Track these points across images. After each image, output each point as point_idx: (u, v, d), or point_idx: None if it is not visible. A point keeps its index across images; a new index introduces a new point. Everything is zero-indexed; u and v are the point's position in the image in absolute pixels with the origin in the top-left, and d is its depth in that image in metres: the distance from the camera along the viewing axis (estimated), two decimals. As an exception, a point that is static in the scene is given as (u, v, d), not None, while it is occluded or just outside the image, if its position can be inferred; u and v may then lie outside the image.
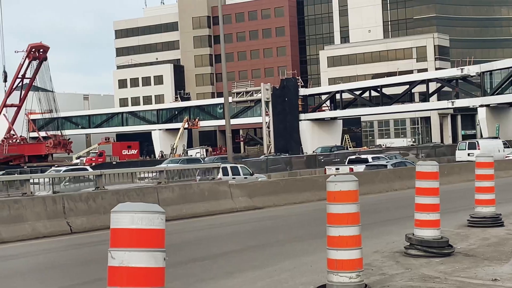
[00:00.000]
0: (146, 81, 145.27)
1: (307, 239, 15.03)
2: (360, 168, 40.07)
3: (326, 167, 47.61)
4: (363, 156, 49.64)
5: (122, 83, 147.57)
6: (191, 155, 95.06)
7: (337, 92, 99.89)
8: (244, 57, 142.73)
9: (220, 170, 35.21)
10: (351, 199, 8.68)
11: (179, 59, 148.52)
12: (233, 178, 32.17)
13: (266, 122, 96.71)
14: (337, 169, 43.26)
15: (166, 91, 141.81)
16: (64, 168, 52.98)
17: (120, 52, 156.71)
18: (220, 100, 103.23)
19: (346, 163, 46.00)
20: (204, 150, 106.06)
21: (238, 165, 38.89)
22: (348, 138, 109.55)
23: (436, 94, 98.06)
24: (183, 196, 22.58)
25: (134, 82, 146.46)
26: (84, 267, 12.83)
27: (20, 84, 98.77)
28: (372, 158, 46.00)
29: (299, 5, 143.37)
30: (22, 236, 17.71)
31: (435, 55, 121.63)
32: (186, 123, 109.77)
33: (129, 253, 5.27)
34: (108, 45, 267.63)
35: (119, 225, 5.34)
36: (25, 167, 78.73)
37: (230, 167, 36.80)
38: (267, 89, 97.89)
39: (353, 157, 49.82)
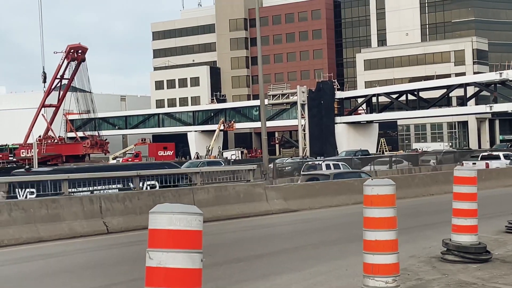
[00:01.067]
0: (183, 83, 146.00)
1: (343, 242, 14.98)
2: (495, 163, 45.05)
3: (464, 161, 50.09)
4: (495, 153, 52.62)
5: (158, 85, 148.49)
6: (226, 157, 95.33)
7: (374, 95, 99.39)
8: (280, 60, 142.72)
9: (324, 166, 38.75)
10: (388, 203, 8.64)
11: (216, 61, 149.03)
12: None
13: (302, 125, 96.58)
14: (474, 163, 46.50)
15: (202, 92, 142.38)
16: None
17: (157, 53, 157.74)
18: (256, 102, 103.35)
19: (479, 159, 49.50)
20: (240, 152, 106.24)
21: (340, 163, 41.85)
22: (384, 142, 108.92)
23: (474, 99, 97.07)
24: (218, 197, 22.65)
25: (171, 84, 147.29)
26: (121, 267, 12.93)
27: (59, 84, 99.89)
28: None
29: (336, 7, 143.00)
30: (60, 235, 17.92)
31: (473, 59, 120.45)
32: (222, 125, 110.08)
33: (166, 253, 5.31)
34: (146, 46, 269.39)
35: (157, 226, 5.39)
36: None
37: (333, 164, 40.52)
38: (303, 91, 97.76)
39: (486, 153, 52.49)
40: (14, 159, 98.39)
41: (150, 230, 5.45)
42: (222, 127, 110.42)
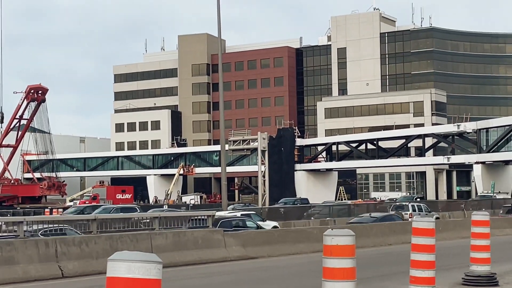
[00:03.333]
0: (143, 126, 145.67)
1: (301, 291, 14.90)
2: None
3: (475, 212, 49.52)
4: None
5: (119, 127, 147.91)
6: (185, 202, 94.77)
7: (334, 143, 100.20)
8: (242, 106, 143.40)
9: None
10: (348, 253, 8.65)
11: (177, 105, 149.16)
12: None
13: (262, 171, 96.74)
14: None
15: (163, 136, 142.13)
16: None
17: (119, 96, 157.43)
18: (217, 147, 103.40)
19: (504, 212, 48.87)
20: (199, 197, 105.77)
21: (250, 213, 40.29)
22: (343, 190, 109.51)
23: (432, 150, 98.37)
24: (177, 243, 22.46)
25: (131, 127, 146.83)
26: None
27: (17, 124, 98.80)
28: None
29: (298, 56, 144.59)
30: (14, 279, 17.58)
31: (432, 110, 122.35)
32: (182, 169, 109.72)
33: (125, 302, 5.24)
34: (107, 88, 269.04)
35: (115, 274, 5.31)
36: (18, 208, 78.26)
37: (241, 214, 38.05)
38: (264, 138, 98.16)
39: (510, 205, 51.93)
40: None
41: (108, 278, 5.38)
42: (181, 171, 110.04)
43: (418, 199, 79.88)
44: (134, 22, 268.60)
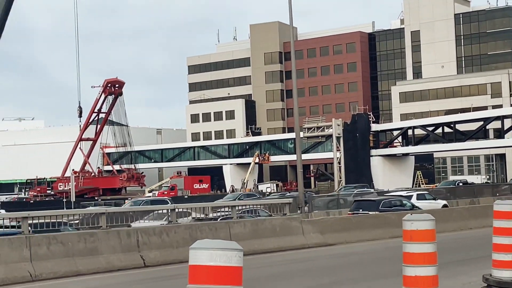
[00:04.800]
0: (218, 116, 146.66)
1: (380, 277, 14.82)
2: None
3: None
4: None
5: (194, 118, 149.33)
6: (261, 190, 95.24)
7: (409, 128, 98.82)
8: (315, 93, 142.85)
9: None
10: (428, 238, 8.55)
11: (251, 94, 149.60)
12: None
13: (337, 158, 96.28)
14: None
15: (238, 125, 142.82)
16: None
17: (193, 87, 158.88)
18: (291, 135, 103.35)
19: None
20: (275, 185, 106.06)
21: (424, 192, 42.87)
22: (420, 175, 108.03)
23: (511, 131, 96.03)
24: (255, 231, 22.60)
25: (206, 117, 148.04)
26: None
27: (96, 118, 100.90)
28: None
29: (371, 40, 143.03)
30: (97, 268, 17.99)
31: (510, 91, 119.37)
32: (257, 157, 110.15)
33: (207, 290, 5.32)
34: (182, 80, 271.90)
35: (197, 262, 5.40)
36: (99, 200, 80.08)
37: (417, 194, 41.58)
38: (338, 124, 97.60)
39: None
40: (52, 192, 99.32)
41: (191, 266, 5.47)
42: (257, 160, 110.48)
43: (461, 184, 76.93)
44: (205, 13, 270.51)
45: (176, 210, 22.47)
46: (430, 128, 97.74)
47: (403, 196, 39.12)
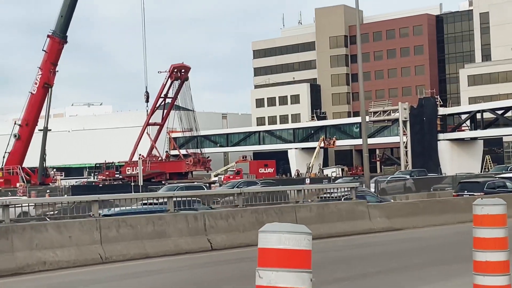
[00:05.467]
0: (283, 100, 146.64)
1: (449, 263, 14.64)
2: None
3: None
4: None
5: (259, 102, 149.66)
6: (327, 174, 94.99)
7: (478, 111, 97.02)
8: (381, 76, 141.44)
9: None
10: (499, 223, 8.41)
11: (316, 78, 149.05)
12: None
13: (404, 142, 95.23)
14: None
15: (303, 110, 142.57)
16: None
17: (258, 71, 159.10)
18: (357, 119, 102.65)
19: None
20: (340, 169, 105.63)
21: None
22: (489, 159, 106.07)
23: None
24: (321, 215, 22.60)
25: (271, 101, 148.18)
26: (227, 285, 13.06)
27: (163, 103, 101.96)
28: None
29: (438, 23, 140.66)
30: (165, 251, 18.26)
31: None
32: (322, 142, 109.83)
33: (276, 273, 5.34)
34: (247, 65, 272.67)
35: (267, 245, 5.42)
36: (166, 184, 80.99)
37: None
38: (405, 108, 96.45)
39: None
40: (120, 177, 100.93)
41: (260, 249, 5.49)
42: (322, 144, 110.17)
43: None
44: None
45: (243, 194, 22.55)
46: (500, 112, 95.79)
47: (507, 178, 38.79)
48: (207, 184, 60.73)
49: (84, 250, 16.97)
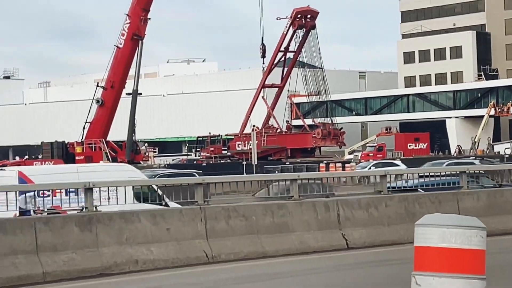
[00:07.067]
0: (440, 54, 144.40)
1: None
2: None
3: None
4: None
5: (408, 57, 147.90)
6: (498, 151, 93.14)
7: None
8: None
9: None
10: None
11: (484, 24, 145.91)
12: None
13: None
14: None
15: (466, 66, 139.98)
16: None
17: (407, 17, 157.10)
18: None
19: None
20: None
21: None
22: None
23: None
24: (492, 205, 22.23)
25: (424, 56, 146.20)
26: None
27: (283, 59, 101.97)
28: None
29: None
30: (288, 250, 18.36)
31: None
32: (493, 109, 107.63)
33: (438, 279, 5.28)
34: (391, 8, 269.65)
35: (426, 242, 5.36)
36: (287, 163, 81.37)
37: None
38: None
39: None
40: (228, 153, 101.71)
41: (417, 248, 5.45)
42: (492, 112, 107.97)
43: None
44: None
45: (388, 176, 22.41)
46: None
47: None
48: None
49: (185, 246, 17.29)
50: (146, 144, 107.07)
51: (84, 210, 17.40)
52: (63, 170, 27.87)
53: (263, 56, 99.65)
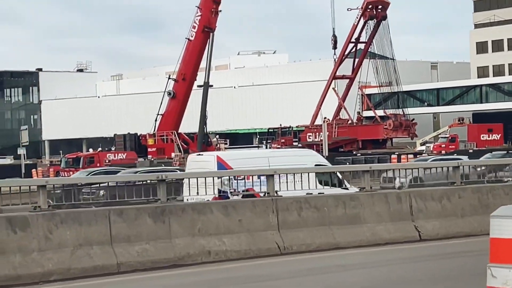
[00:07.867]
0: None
1: None
2: None
3: None
4: None
5: (481, 47, 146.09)
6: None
7: None
8: None
9: None
10: None
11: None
12: None
13: None
14: None
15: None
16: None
17: (481, 5, 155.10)
18: None
19: None
20: None
21: None
22: None
23: None
24: None
25: (498, 45, 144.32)
26: (441, 283, 12.95)
27: (353, 50, 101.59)
28: None
29: None
30: (360, 241, 18.36)
31: None
32: None
33: (515, 271, 5.21)
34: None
35: (503, 234, 5.28)
36: (359, 154, 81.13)
37: None
38: None
39: None
40: (300, 145, 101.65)
41: (493, 240, 5.39)
42: None
43: None
44: None
45: (461, 166, 22.20)
46: None
47: None
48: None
49: (257, 237, 17.36)
50: (217, 136, 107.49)
51: (266, 195, 18.27)
52: (256, 155, 30.75)
53: (334, 47, 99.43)
